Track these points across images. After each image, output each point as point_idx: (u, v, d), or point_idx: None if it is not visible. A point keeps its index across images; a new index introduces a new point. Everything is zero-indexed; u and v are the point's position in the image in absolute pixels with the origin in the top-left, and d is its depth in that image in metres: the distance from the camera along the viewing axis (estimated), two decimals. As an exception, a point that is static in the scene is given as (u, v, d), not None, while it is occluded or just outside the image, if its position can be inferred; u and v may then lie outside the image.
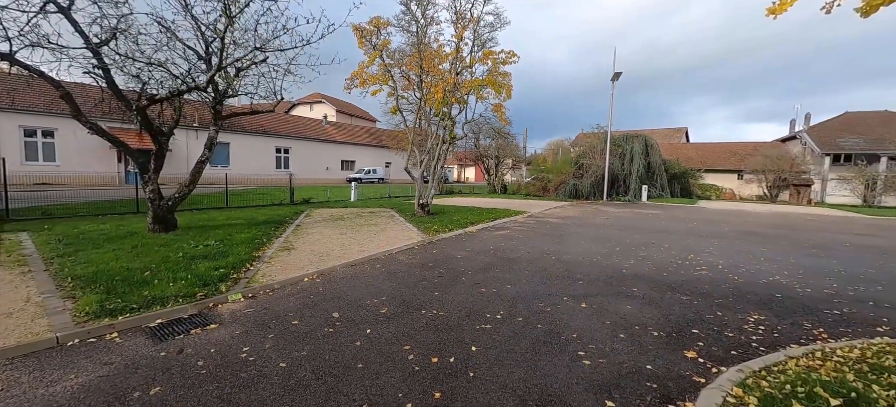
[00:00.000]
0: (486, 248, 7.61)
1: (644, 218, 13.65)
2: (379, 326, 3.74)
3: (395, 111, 11.82)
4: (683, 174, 27.19)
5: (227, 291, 4.66)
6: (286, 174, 32.09)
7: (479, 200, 19.92)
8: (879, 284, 5.40)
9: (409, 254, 6.97)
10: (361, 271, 5.75)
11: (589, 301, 4.52)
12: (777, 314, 4.17)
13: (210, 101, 8.63)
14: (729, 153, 37.19)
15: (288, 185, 16.04)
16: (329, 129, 37.90)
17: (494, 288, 5.01)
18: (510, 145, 31.88)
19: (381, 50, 10.94)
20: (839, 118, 35.62)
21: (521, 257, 6.81)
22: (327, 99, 46.55)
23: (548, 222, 11.83)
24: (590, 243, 8.27)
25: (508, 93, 11.28)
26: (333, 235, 8.47)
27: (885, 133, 30.86)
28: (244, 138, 29.58)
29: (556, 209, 16.34)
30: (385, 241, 7.99)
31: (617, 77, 21.48)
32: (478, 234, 9.33)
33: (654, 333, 3.62)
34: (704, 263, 6.54)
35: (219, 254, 6.22)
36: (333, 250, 6.99)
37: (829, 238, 9.73)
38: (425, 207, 11.99)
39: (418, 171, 12.16)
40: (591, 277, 5.56)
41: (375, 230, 9.28)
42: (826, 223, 13.31)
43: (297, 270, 5.64)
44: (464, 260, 6.54)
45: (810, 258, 7.16)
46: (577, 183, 23.14)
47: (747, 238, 9.42)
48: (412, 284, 5.12)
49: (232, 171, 28.23)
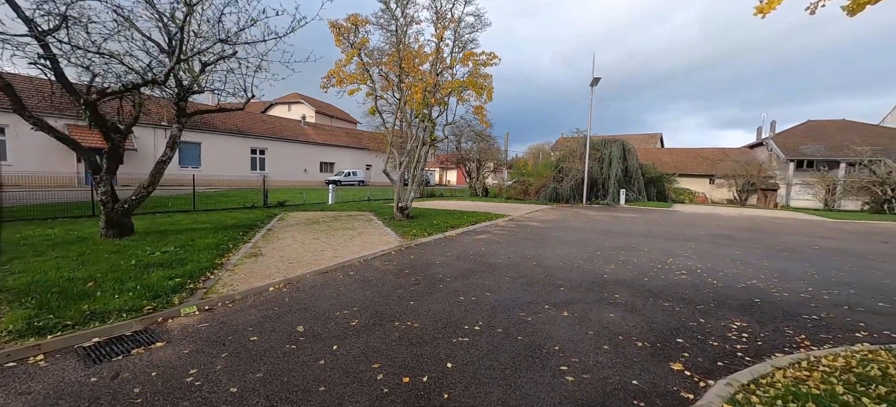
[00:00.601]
0: (466, 253, 7.38)
1: (623, 222, 13.77)
2: (347, 342, 3.43)
3: (374, 112, 11.48)
4: (659, 178, 27.88)
5: (181, 303, 4.24)
6: (261, 176, 31.10)
7: (461, 204, 19.74)
8: (851, 288, 5.48)
9: (386, 260, 6.66)
10: (333, 279, 5.40)
11: (571, 309, 4.34)
12: (758, 320, 4.10)
13: (173, 96, 8.09)
14: (701, 158, 38.50)
15: (262, 188, 15.36)
16: (307, 130, 36.98)
17: (473, 296, 4.77)
18: (492, 148, 31.92)
19: (359, 48, 10.60)
20: (802, 126, 37.45)
21: (502, 262, 6.62)
22: (306, 99, 45.49)
23: (529, 226, 11.74)
24: (571, 248, 8.17)
25: (489, 95, 11.14)
26: (306, 240, 8.05)
27: (843, 140, 32.61)
28: (217, 138, 28.42)
29: (537, 213, 16.34)
30: (360, 246, 7.65)
31: (596, 82, 21.81)
32: (458, 238, 9.10)
33: (638, 344, 3.46)
34: (684, 268, 6.52)
35: (177, 261, 5.74)
36: (304, 256, 6.60)
37: (798, 242, 10.01)
38: (405, 210, 11.68)
39: (398, 174, 11.85)
40: (572, 283, 5.41)
41: (351, 234, 8.91)
42: (794, 227, 13.78)
43: (263, 279, 5.24)
44: (442, 266, 6.28)
45: (784, 261, 7.28)
46: (558, 186, 23.31)
47: (722, 242, 9.56)
48: (386, 293, 4.82)
49: (203, 173, 27.15)
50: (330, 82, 10.83)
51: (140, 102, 8.36)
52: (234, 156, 29.40)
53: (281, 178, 31.98)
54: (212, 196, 17.33)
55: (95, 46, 5.92)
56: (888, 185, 20.24)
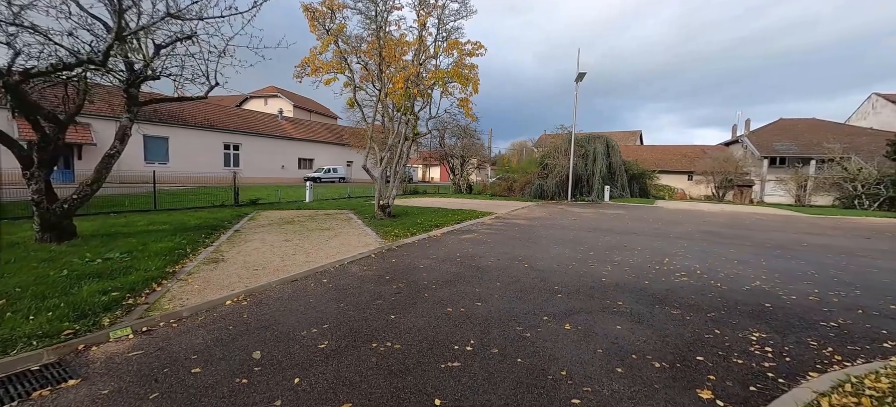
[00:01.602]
0: (452, 255, 6.83)
1: (610, 218, 13.54)
2: (313, 372, 2.82)
3: (352, 104, 10.75)
4: (641, 175, 28.10)
5: (112, 324, 3.52)
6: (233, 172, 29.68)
7: (445, 201, 19.19)
8: (856, 289, 5.24)
9: (364, 264, 6.03)
10: (303, 289, 4.76)
11: (573, 321, 3.86)
12: (777, 330, 3.72)
13: (122, 82, 7.19)
14: (680, 156, 39.24)
15: (233, 185, 14.37)
16: (285, 125, 35.60)
17: (462, 306, 4.23)
18: (475, 145, 31.46)
19: (335, 35, 9.85)
20: (775, 124, 38.66)
21: (491, 265, 6.10)
22: (283, 93, 43.86)
23: (516, 224, 11.30)
24: (562, 247, 7.75)
25: (475, 87, 10.60)
26: (277, 243, 7.33)
27: (813, 138, 33.79)
28: (186, 132, 26.86)
29: (523, 210, 15.96)
30: (337, 248, 6.99)
31: (581, 78, 21.61)
32: (443, 238, 8.54)
33: (655, 364, 2.99)
34: (682, 268, 6.17)
35: (120, 270, 4.97)
36: (272, 262, 5.90)
37: (785, 238, 9.93)
38: (386, 208, 11.04)
39: (379, 170, 11.19)
40: (570, 289, 4.95)
41: (328, 236, 8.22)
42: (775, 223, 13.88)
43: (220, 290, 4.54)
44: (427, 270, 5.71)
45: (779, 260, 7.06)
46: (543, 183, 23.07)
47: (712, 239, 9.36)
48: (363, 305, 4.22)
49: (172, 169, 25.63)
50: (304, 71, 10.04)
51: (85, 89, 7.41)
52: (206, 151, 27.90)
53: (257, 174, 30.65)
54: (178, 194, 16.18)
55: (13, 16, 5.02)
56: (859, 182, 20.91)
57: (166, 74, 7.60)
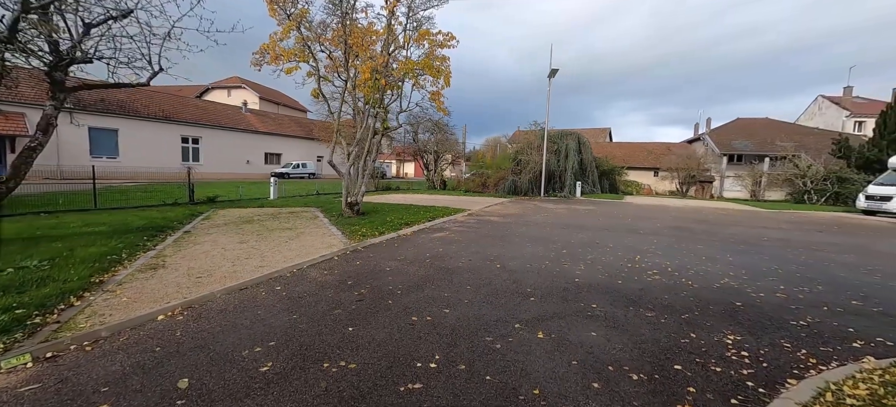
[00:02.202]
0: (422, 255, 6.49)
1: (582, 215, 13.62)
2: (248, 403, 2.41)
3: (317, 95, 10.14)
4: (611, 171, 28.77)
5: (7, 350, 2.94)
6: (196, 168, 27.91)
7: (418, 197, 18.79)
8: (818, 284, 5.33)
9: (326, 268, 5.58)
10: (252, 299, 4.27)
11: (546, 328, 3.62)
12: (750, 331, 3.64)
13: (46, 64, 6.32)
14: (646, 152, 40.61)
15: (187, 181, 13.34)
16: (250, 118, 33.88)
17: (429, 314, 3.90)
18: (449, 140, 31.16)
19: (297, 20, 9.20)
20: (733, 123, 40.71)
21: (462, 266, 5.81)
22: (248, 84, 41.76)
23: (489, 221, 11.09)
24: (535, 246, 7.58)
25: (447, 80, 10.25)
26: (230, 245, 6.71)
27: (767, 137, 35.82)
28: (138, 124, 24.96)
29: (497, 206, 15.83)
30: (297, 251, 6.47)
31: (553, 74, 21.72)
32: (413, 237, 8.18)
33: (633, 377, 2.78)
34: (654, 266, 6.12)
35: (33, 281, 4.29)
36: (221, 267, 5.34)
37: (747, 233, 10.26)
38: (354, 206, 10.53)
39: (346, 166, 10.64)
40: (543, 291, 4.73)
41: (289, 236, 7.66)
42: (736, 217, 14.43)
43: (153, 303, 3.99)
44: (393, 273, 5.34)
45: (744, 256, 7.18)
46: (516, 179, 23.10)
47: (680, 235, 9.51)
48: (320, 316, 3.80)
49: (122, 164, 23.78)
50: (263, 58, 9.33)
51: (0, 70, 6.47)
52: (161, 145, 26.04)
53: (219, 170, 29.04)
54: (127, 191, 14.89)
55: None
56: (808, 178, 22.28)
57: (99, 58, 6.77)
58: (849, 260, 7.04)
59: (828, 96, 40.94)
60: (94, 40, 6.93)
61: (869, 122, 37.08)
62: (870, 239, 9.83)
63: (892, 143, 20.77)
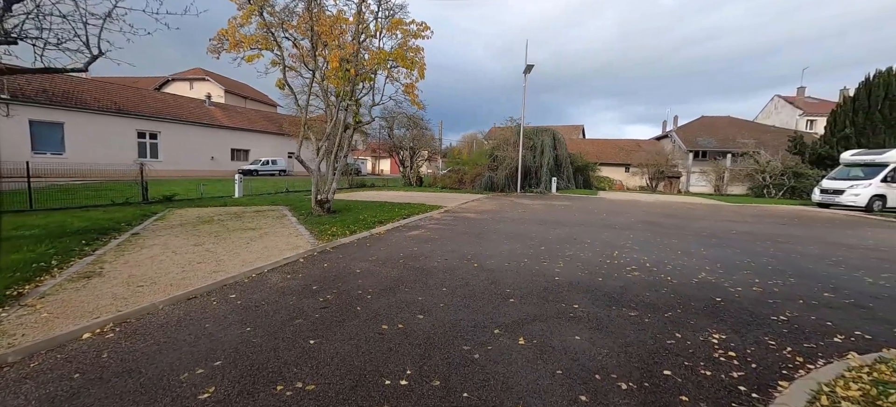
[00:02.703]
0: (395, 255, 6.13)
1: (558, 210, 13.62)
2: (178, 442, 2.00)
3: (282, 86, 9.51)
4: (585, 167, 29.25)
5: None
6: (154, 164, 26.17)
7: (393, 194, 18.32)
8: (790, 276, 5.39)
9: (289, 271, 5.12)
10: (200, 310, 3.79)
11: (527, 332, 3.37)
12: (734, 328, 3.53)
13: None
14: (618, 149, 41.68)
15: (140, 179, 12.31)
16: (214, 112, 32.13)
17: (401, 321, 3.57)
18: (425, 136, 30.75)
19: (259, 4, 8.54)
20: (697, 121, 42.48)
21: (438, 266, 5.50)
22: (213, 76, 39.60)
23: (466, 218, 10.84)
24: (513, 243, 7.37)
25: (421, 72, 9.86)
26: (183, 248, 6.10)
27: (729, 134, 37.57)
28: (87, 117, 23.07)
29: (473, 203, 15.62)
30: (259, 253, 5.95)
31: (529, 69, 21.71)
32: (386, 236, 7.79)
33: (622, 386, 2.57)
34: (632, 262, 6.04)
35: (-71, 297, 3.62)
36: (168, 274, 4.78)
37: (716, 226, 10.50)
38: (325, 203, 10.00)
39: (316, 162, 10.08)
40: (522, 291, 4.49)
41: (251, 237, 7.09)
42: (704, 212, 14.88)
43: (79, 319, 3.44)
44: (364, 276, 4.96)
45: (717, 249, 7.26)
46: (493, 175, 23.01)
47: (654, 230, 9.60)
48: (277, 328, 3.39)
49: (69, 161, 21.90)
50: (221, 45, 8.63)
51: None
52: (114, 140, 24.21)
53: (181, 167, 27.36)
54: (73, 191, 13.60)
55: None
56: (767, 173, 23.43)
57: (23, 38, 5.97)
58: (813, 251, 7.25)
59: (783, 96, 43.42)
60: (18, 18, 6.13)
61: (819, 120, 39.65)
62: (827, 230, 10.29)
63: (841, 140, 22.14)
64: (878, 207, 15.64)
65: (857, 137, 21.63)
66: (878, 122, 21.14)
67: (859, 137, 21.61)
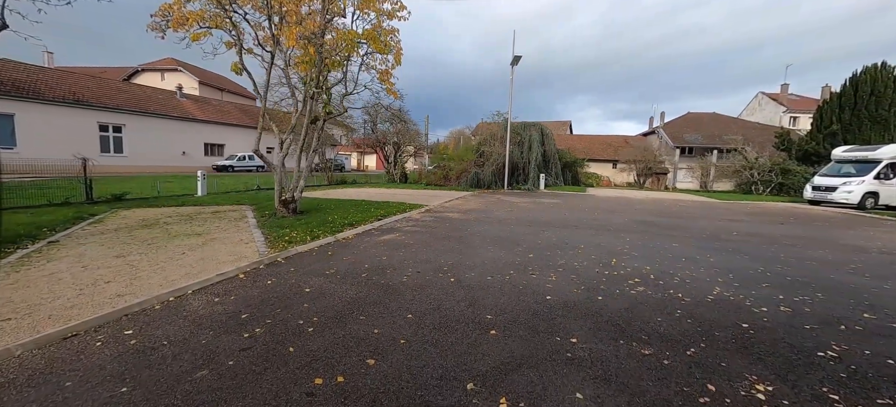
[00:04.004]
0: (358, 267, 5.18)
1: (547, 208, 12.83)
2: None
3: (239, 70, 8.40)
4: (573, 163, 28.65)
5: None
6: (117, 160, 24.50)
7: (374, 192, 17.29)
8: (816, 290, 4.66)
9: (219, 293, 4.13)
10: (71, 356, 2.78)
11: (512, 389, 2.49)
12: (778, 373, 2.73)
13: None
14: (605, 145, 41.41)
15: (83, 176, 11.00)
16: (186, 104, 30.38)
17: (343, 370, 2.65)
18: (410, 131, 29.67)
19: (208, -25, 7.41)
20: (683, 117, 42.46)
21: (406, 283, 4.58)
22: (186, 67, 37.63)
23: (448, 218, 9.93)
24: (498, 249, 6.50)
25: (397, 57, 8.88)
26: (98, 260, 5.03)
27: (715, 130, 37.60)
28: (42, 109, 21.27)
29: (458, 201, 14.73)
30: (190, 267, 4.93)
31: (516, 61, 20.85)
32: (354, 242, 6.82)
33: (652, 495, 1.70)
34: (633, 272, 5.24)
35: None
36: (57, 299, 3.73)
37: (713, 226, 9.86)
38: (290, 204, 8.96)
39: (278, 156, 9.03)
40: (507, 317, 3.62)
41: (193, 245, 6.03)
42: (696, 209, 14.31)
43: None
44: (312, 298, 4.01)
45: (722, 254, 6.54)
46: (479, 171, 22.15)
47: (650, 231, 8.87)
48: (167, 386, 2.42)
49: (20, 156, 20.11)
50: (164, 21, 7.48)
51: None
52: (73, 133, 22.41)
53: (148, 163, 25.71)
54: (15, 188, 12.13)
55: None
56: (755, 169, 23.18)
57: None
58: (827, 257, 6.59)
59: (767, 93, 43.77)
60: None
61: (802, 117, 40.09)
62: (829, 231, 9.75)
63: (828, 137, 22.00)
64: (871, 204, 15.37)
65: (844, 134, 21.52)
66: (864, 118, 21.04)
67: (845, 134, 21.50)
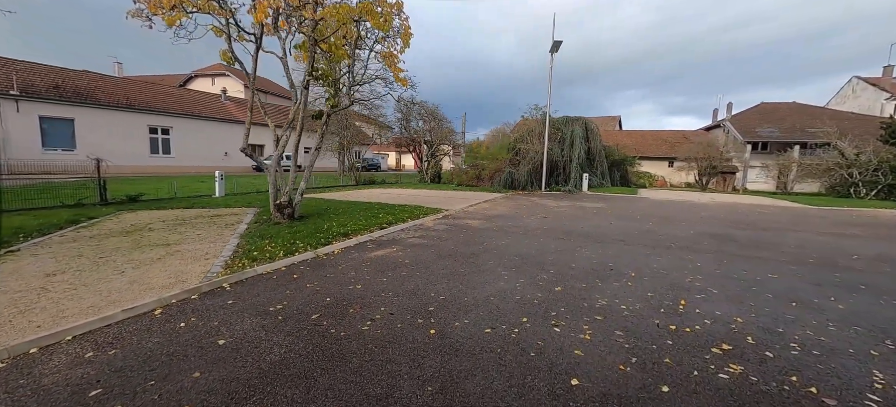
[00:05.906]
0: (315, 303, 3.86)
1: (590, 215, 10.87)
2: None
3: (229, 59, 7.53)
4: (622, 161, 25.77)
5: None
6: (166, 160, 25.69)
7: (399, 193, 16.18)
8: None
9: (101, 344, 2.99)
10: None
11: None
12: None
13: None
14: (660, 141, 37.43)
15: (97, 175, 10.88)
16: (229, 107, 31.47)
17: None
18: (443, 129, 28.41)
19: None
20: (756, 108, 37.25)
21: (366, 335, 3.18)
22: (233, 72, 39.20)
23: (465, 227, 8.43)
24: (514, 276, 4.91)
25: (405, 39, 7.55)
26: (22, 280, 4.16)
27: (795, 123, 32.43)
28: (97, 113, 22.64)
29: (485, 204, 13.13)
30: (107, 295, 3.88)
31: (556, 47, 18.73)
32: (336, 258, 5.56)
33: None
34: (717, 329, 3.44)
35: None
36: None
37: (819, 244, 7.46)
38: (285, 208, 7.97)
39: (274, 157, 8.09)
40: (495, 426, 2.09)
41: (149, 258, 5.09)
42: (783, 218, 11.54)
43: None
44: (216, 360, 2.74)
45: (853, 295, 4.44)
46: (514, 171, 20.31)
47: (727, 250, 6.76)
48: None
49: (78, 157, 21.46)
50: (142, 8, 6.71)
51: None
52: (126, 136, 23.72)
53: (193, 163, 26.76)
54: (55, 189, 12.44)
55: None
56: (856, 168, 19.06)
57: None
58: None
59: (864, 77, 37.08)
60: None
61: (912, 105, 33.33)
62: None
63: (958, 127, 17.50)
64: None
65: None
66: None
67: None
